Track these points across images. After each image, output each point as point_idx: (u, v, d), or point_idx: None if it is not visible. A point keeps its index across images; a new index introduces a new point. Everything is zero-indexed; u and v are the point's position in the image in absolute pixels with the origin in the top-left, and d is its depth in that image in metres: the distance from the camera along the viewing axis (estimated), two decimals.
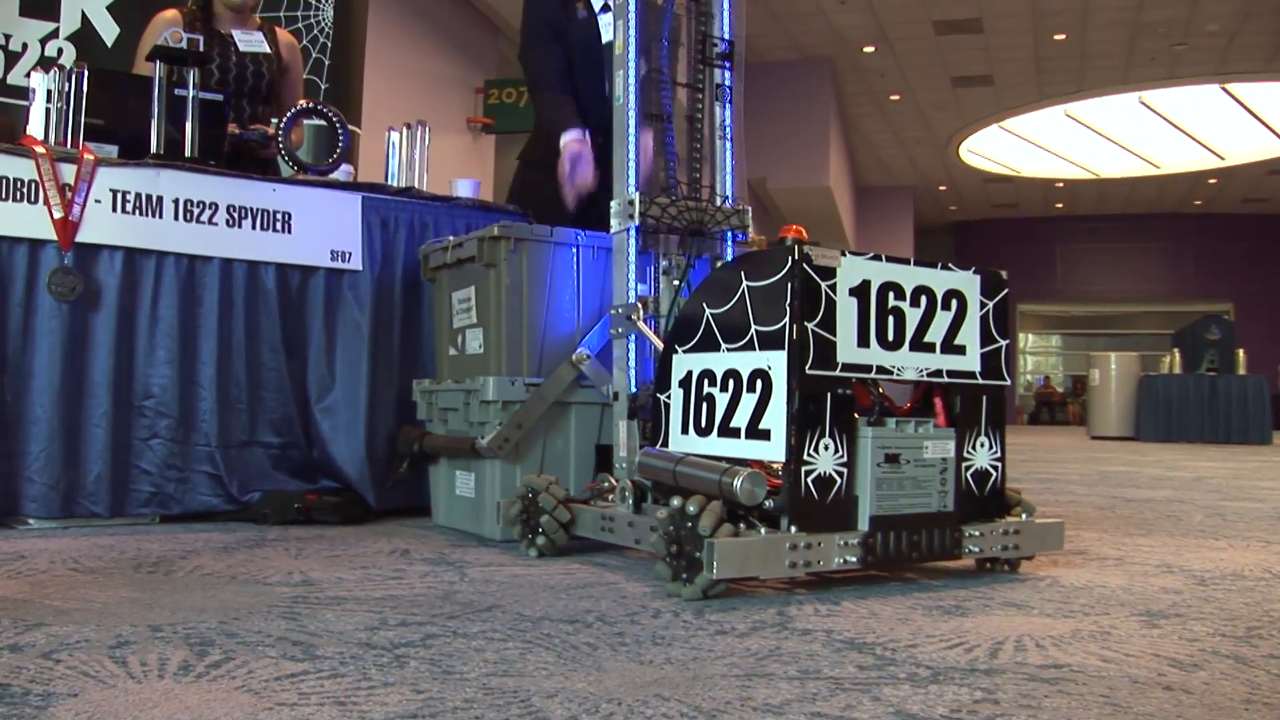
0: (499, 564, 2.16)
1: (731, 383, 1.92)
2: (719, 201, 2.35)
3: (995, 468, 2.03)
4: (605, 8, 3.38)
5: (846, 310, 1.83)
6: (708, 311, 1.98)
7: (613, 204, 2.27)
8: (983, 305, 2.04)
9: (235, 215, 2.74)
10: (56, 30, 4.43)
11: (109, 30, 4.57)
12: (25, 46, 4.42)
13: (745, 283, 1.89)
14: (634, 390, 2.23)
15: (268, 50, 3.55)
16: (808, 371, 1.77)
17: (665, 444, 2.05)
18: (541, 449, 2.52)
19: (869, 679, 1.29)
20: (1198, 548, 2.67)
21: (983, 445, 2.01)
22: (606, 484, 2.33)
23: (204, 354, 2.70)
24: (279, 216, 2.80)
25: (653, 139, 2.39)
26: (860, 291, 1.86)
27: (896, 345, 1.90)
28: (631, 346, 2.25)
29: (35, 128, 2.65)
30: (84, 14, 4.50)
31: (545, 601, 1.74)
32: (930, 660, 1.39)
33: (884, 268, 1.90)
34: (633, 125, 2.25)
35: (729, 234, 2.39)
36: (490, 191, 10.02)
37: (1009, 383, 2.08)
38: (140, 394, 2.63)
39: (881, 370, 1.88)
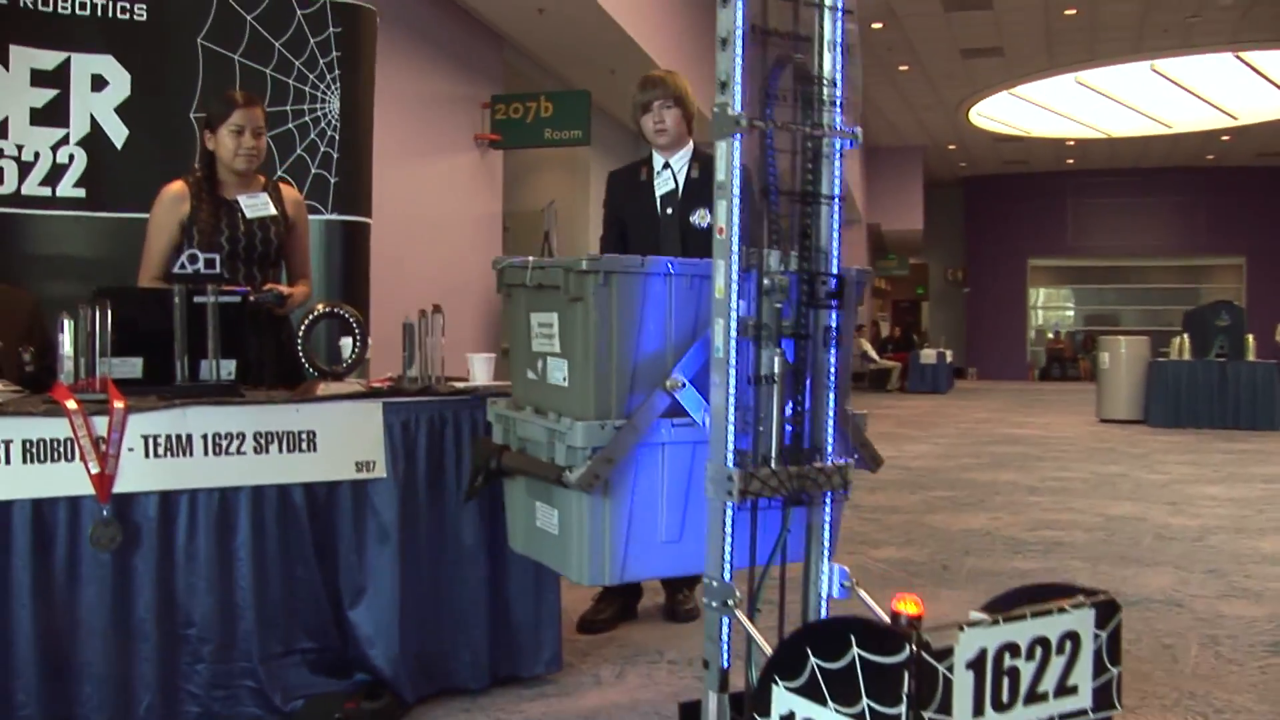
0: None
1: None
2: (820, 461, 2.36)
3: None
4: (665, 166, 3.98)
5: (963, 687, 1.83)
6: (814, 660, 1.92)
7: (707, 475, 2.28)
8: (1096, 638, 2.04)
9: (262, 441, 2.86)
10: (67, 136, 4.52)
11: (118, 133, 4.66)
12: (37, 155, 4.51)
13: (856, 650, 1.84)
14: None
15: (274, 212, 3.65)
16: None
17: None
18: (632, 487, 2.52)
19: None
20: None
21: None
22: None
23: (240, 578, 2.83)
24: (304, 436, 2.91)
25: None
26: (977, 663, 1.86)
27: (1010, 706, 1.90)
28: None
29: (65, 376, 2.76)
30: (93, 118, 4.58)
31: None
32: None
33: (1000, 631, 1.89)
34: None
35: (828, 495, 2.42)
36: (498, 205, 10.08)
37: (1118, 709, 2.07)
38: (183, 623, 2.76)
39: None
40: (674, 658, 3.60)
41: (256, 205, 3.61)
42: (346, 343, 3.31)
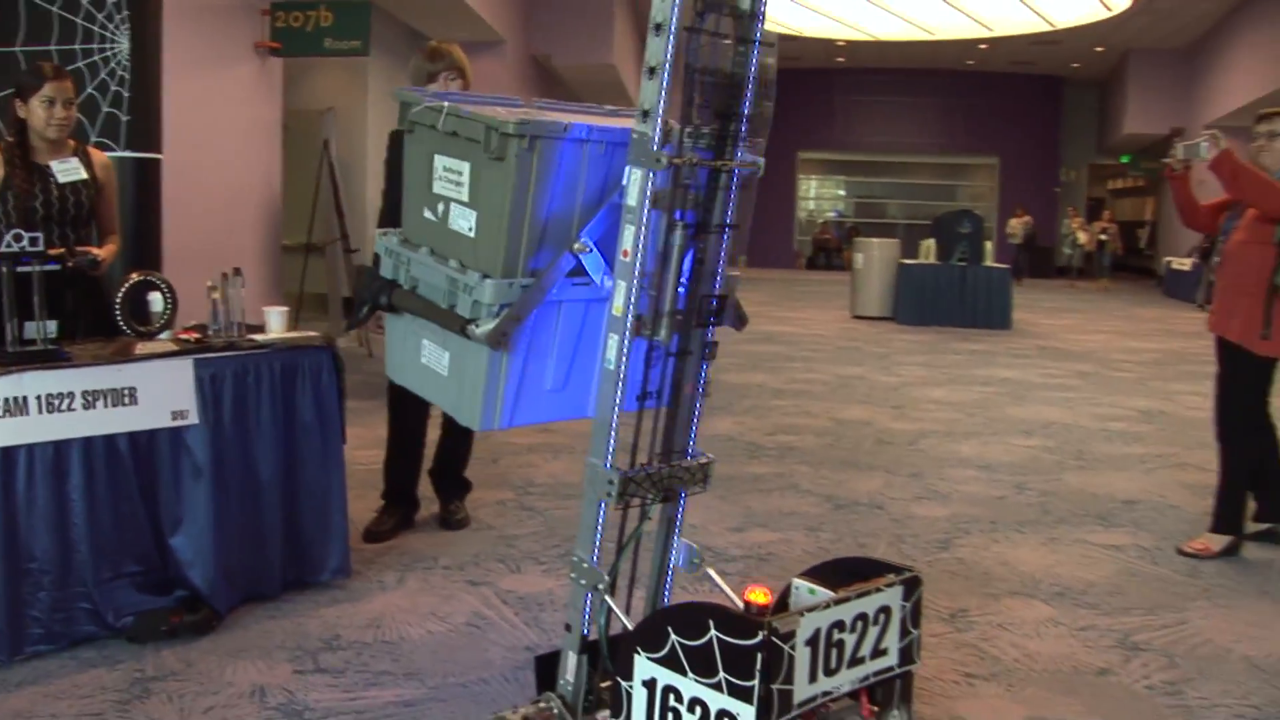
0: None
1: (699, 710, 2.24)
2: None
3: None
4: None
5: (802, 660, 2.24)
6: (674, 637, 2.27)
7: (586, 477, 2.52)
8: (903, 608, 2.48)
9: (90, 398, 3.28)
10: None
11: None
12: None
13: (715, 632, 2.21)
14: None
15: (85, 176, 3.98)
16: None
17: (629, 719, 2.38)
18: (528, 342, 2.65)
19: None
20: None
21: (897, 715, 2.51)
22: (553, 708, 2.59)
23: (75, 516, 3.27)
24: (126, 392, 3.35)
25: None
26: (813, 640, 2.25)
27: (837, 670, 2.33)
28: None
29: None
30: None
31: None
32: None
33: (832, 612, 2.31)
34: None
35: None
36: (278, 110, 10.21)
37: (917, 663, 2.51)
38: (26, 559, 3.20)
39: (824, 694, 2.31)
40: (447, 564, 4.19)
41: (68, 170, 3.93)
42: (155, 298, 3.71)
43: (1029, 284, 22.94)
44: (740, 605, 2.47)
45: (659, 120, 2.36)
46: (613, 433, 2.49)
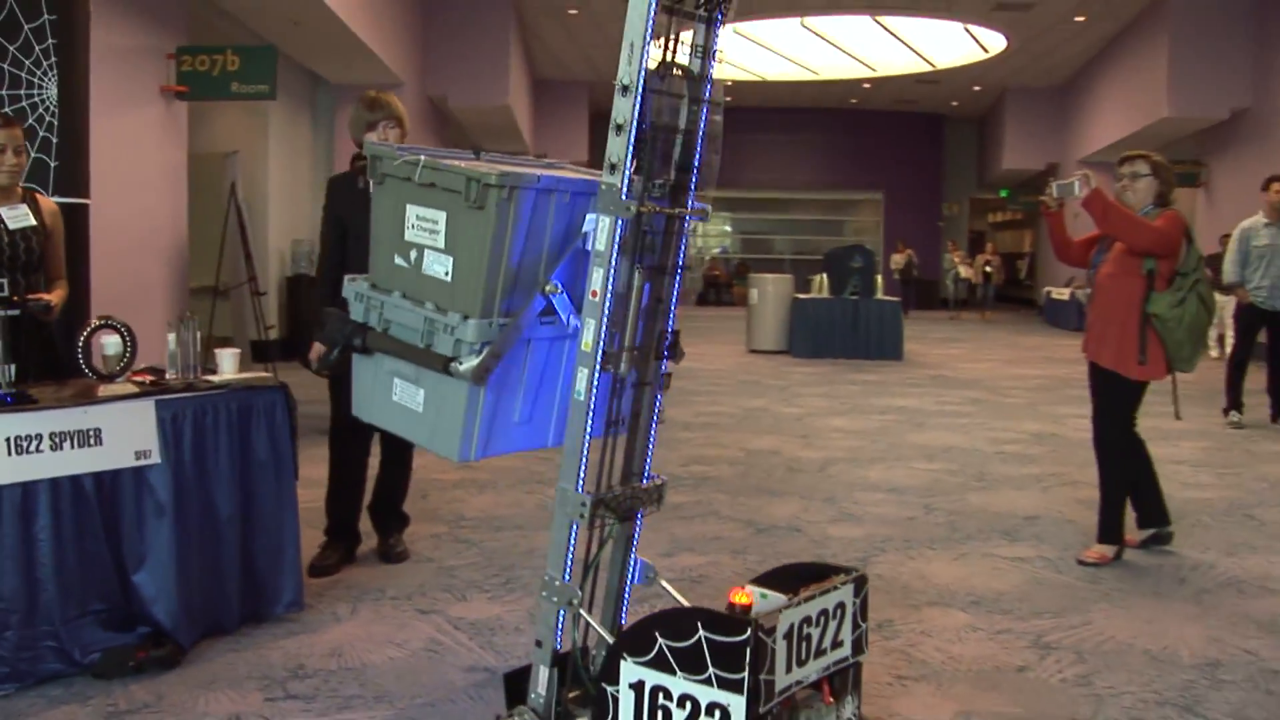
0: None
1: (689, 705, 2.45)
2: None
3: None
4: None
5: (781, 653, 2.48)
6: (662, 641, 2.49)
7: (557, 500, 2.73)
8: (854, 604, 2.76)
9: (57, 440, 3.39)
10: None
11: None
12: None
13: (704, 633, 2.44)
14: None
15: (34, 223, 4.08)
16: (760, 710, 2.42)
17: None
18: (501, 377, 2.81)
19: None
20: None
21: (850, 702, 2.77)
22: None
23: (42, 556, 3.36)
24: (91, 433, 3.46)
25: None
26: (789, 634, 2.52)
27: (806, 661, 2.58)
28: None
29: None
30: None
31: None
32: None
33: (802, 609, 2.56)
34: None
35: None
36: (184, 153, 10.23)
37: (865, 654, 2.80)
38: None
39: (797, 683, 2.56)
40: (395, 594, 4.34)
41: (18, 216, 4.03)
42: (110, 342, 3.82)
43: (915, 315, 23.66)
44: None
45: (627, 173, 2.59)
46: (583, 460, 2.70)
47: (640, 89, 2.60)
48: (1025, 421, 9.14)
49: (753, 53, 22.25)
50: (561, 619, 2.78)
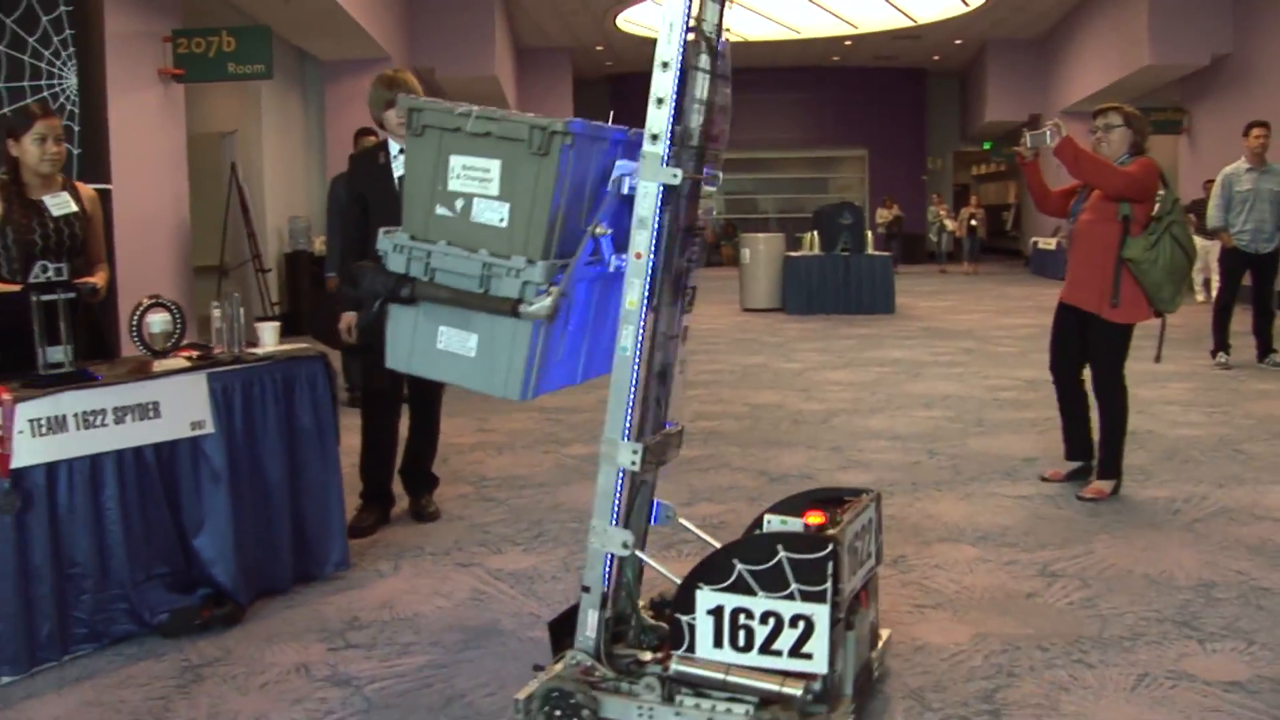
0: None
1: (772, 620, 2.72)
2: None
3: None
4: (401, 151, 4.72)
5: (844, 563, 2.76)
6: (741, 566, 2.77)
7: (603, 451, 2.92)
8: (876, 518, 3.14)
9: (120, 414, 3.60)
10: None
11: None
12: None
13: (784, 554, 2.73)
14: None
15: (75, 209, 4.27)
16: (837, 617, 2.74)
17: (692, 650, 2.81)
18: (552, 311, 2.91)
19: None
20: None
21: (873, 605, 3.11)
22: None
23: (110, 523, 3.58)
24: (150, 406, 3.68)
25: None
26: (850, 547, 2.83)
27: (855, 570, 2.90)
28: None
29: None
30: None
31: None
32: None
33: (854, 525, 2.90)
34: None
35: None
36: (182, 133, 10.38)
37: (879, 561, 3.19)
38: (69, 565, 3.51)
39: (853, 590, 2.88)
40: (433, 550, 4.58)
41: (60, 204, 4.22)
42: (160, 319, 4.01)
43: (903, 270, 23.88)
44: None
45: (667, 143, 2.82)
46: (629, 410, 2.92)
47: (679, 65, 2.80)
48: (1018, 369, 9.39)
49: (734, 14, 22.27)
50: (608, 563, 3.00)
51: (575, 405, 7.97)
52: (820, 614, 2.71)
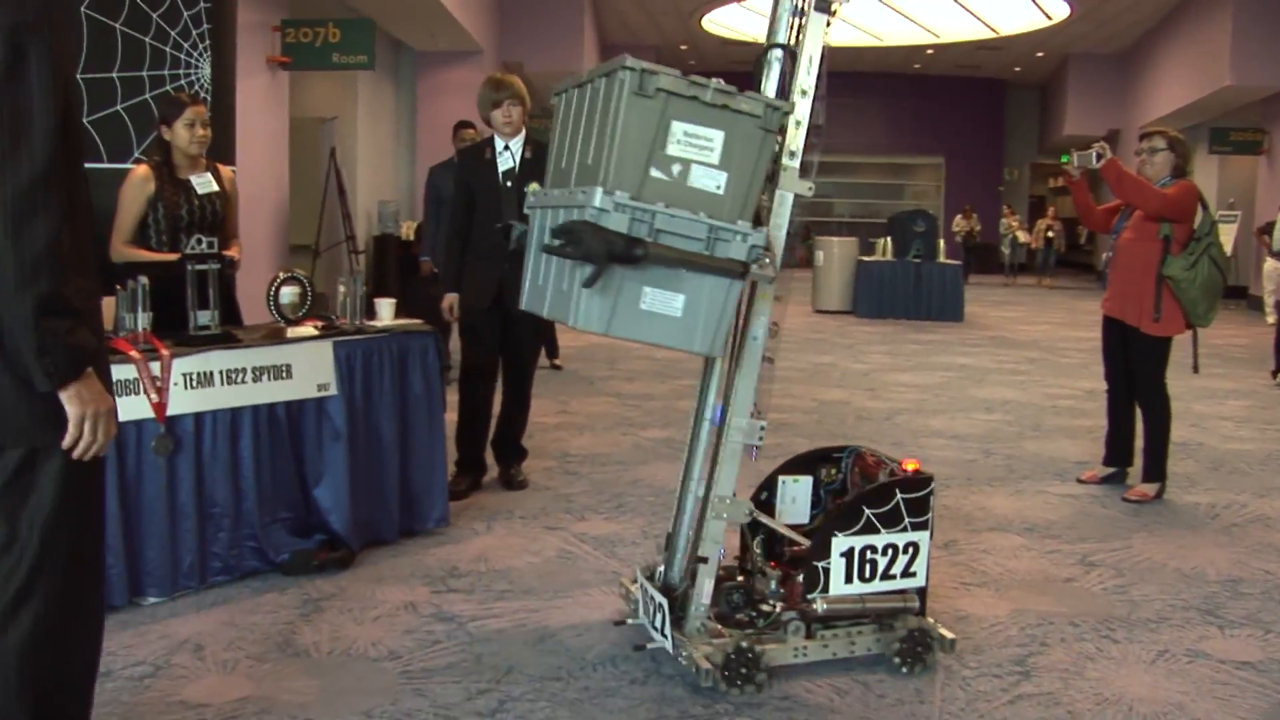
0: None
1: (890, 551, 3.32)
2: None
3: None
4: (505, 148, 5.20)
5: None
6: (869, 511, 3.31)
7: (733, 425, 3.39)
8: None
9: (257, 373, 4.08)
10: None
11: None
12: None
13: (900, 495, 3.33)
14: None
15: (217, 188, 4.76)
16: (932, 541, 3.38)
17: (826, 590, 3.29)
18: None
19: None
20: None
21: None
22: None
23: (245, 470, 4.06)
24: (283, 368, 4.15)
25: None
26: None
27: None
28: None
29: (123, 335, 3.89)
30: None
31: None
32: None
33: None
34: None
35: None
36: (285, 120, 10.93)
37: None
38: (209, 504, 3.99)
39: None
40: (522, 515, 5.01)
41: (204, 183, 4.71)
42: (290, 290, 4.48)
43: (976, 280, 24.02)
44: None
45: (799, 158, 3.30)
46: (754, 393, 3.35)
47: (814, 93, 3.25)
48: (1079, 379, 9.65)
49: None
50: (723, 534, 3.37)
51: (649, 393, 8.39)
52: (924, 539, 3.38)
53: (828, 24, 3.33)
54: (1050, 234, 24.94)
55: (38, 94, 2.04)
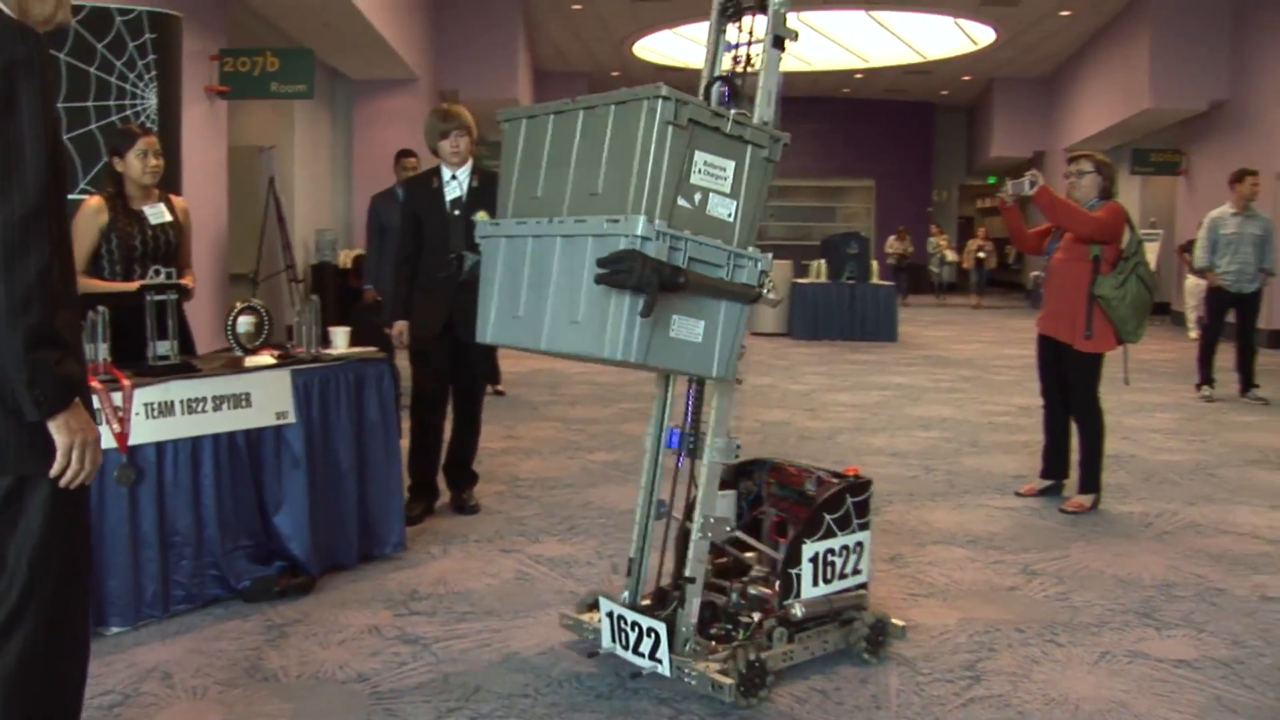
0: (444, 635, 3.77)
1: (843, 550, 3.56)
2: None
3: None
4: (452, 177, 5.29)
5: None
6: (829, 518, 3.53)
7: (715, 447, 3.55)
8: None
9: (217, 402, 4.12)
10: None
11: None
12: None
13: (850, 500, 3.58)
14: None
15: (171, 219, 4.80)
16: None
17: (799, 595, 3.46)
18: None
19: None
20: None
21: None
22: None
23: (206, 498, 4.10)
24: (243, 396, 4.19)
25: None
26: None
27: None
28: None
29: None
30: None
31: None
32: None
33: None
34: None
35: None
36: (224, 148, 10.91)
37: None
38: (171, 533, 4.02)
39: None
40: (477, 538, 5.08)
41: (158, 213, 4.75)
42: (247, 320, 4.53)
43: (912, 301, 24.42)
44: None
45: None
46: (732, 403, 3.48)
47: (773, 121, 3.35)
48: (1013, 396, 9.90)
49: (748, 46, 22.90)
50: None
51: (593, 417, 8.48)
52: (867, 538, 3.67)
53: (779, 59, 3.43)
54: (981, 254, 25.42)
55: (29, 129, 2.11)
